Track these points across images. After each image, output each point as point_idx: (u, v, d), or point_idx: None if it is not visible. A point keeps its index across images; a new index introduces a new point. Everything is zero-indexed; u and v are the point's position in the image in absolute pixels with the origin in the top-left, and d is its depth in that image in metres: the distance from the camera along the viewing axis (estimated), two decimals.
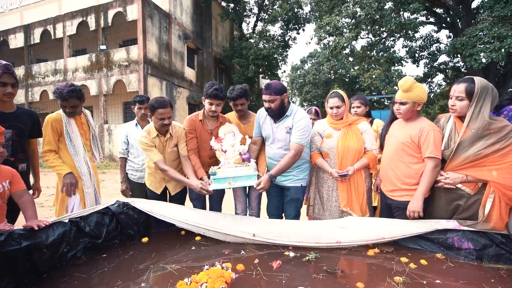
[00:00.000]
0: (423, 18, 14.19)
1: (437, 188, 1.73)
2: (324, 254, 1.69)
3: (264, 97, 2.02)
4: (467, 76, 1.62)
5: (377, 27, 13.78)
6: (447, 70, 16.72)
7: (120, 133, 2.91)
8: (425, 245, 1.75)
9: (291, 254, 1.70)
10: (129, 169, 2.87)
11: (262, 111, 2.25)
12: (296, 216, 2.27)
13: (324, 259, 1.63)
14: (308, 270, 1.53)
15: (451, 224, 1.68)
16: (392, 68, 17.36)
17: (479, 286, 1.33)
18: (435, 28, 15.47)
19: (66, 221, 1.70)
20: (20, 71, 14.07)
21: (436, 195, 1.75)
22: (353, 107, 2.62)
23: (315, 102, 30.91)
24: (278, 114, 2.07)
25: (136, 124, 2.88)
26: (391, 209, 1.92)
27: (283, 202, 2.27)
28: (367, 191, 2.15)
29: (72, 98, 2.16)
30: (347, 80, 28.92)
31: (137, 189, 2.84)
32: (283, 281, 1.41)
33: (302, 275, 1.47)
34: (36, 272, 1.50)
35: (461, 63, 15.74)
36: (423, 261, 1.54)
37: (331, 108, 2.10)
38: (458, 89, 1.59)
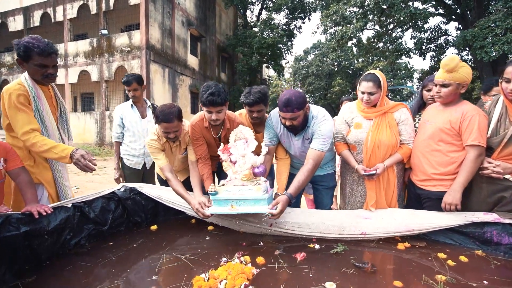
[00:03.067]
0: (433, 9, 13.78)
1: (478, 179, 1.58)
2: (352, 246, 1.56)
3: (284, 115, 1.63)
4: None
5: (384, 18, 13.40)
6: None
7: (115, 115, 2.59)
8: (458, 239, 1.61)
9: (317, 246, 1.57)
10: (125, 154, 2.58)
11: (274, 115, 1.82)
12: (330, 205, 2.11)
13: (353, 252, 1.50)
14: (336, 263, 1.39)
15: (489, 217, 1.53)
16: (398, 61, 17.05)
17: None
18: (444, 20, 15.04)
19: (69, 205, 1.56)
20: None
21: (476, 186, 1.60)
22: None
23: (317, 94, 30.58)
24: (300, 128, 1.73)
25: (132, 105, 2.57)
26: (421, 199, 1.77)
27: (315, 193, 2.09)
28: (400, 189, 1.89)
29: (54, 54, 1.61)
30: (350, 72, 28.50)
31: (133, 175, 2.57)
32: (310, 275, 1.28)
33: (330, 269, 1.34)
34: (36, 260, 1.37)
35: (469, 57, 15.38)
36: (463, 258, 1.41)
37: (363, 92, 1.74)
38: None
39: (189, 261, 1.42)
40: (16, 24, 13.76)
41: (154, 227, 1.88)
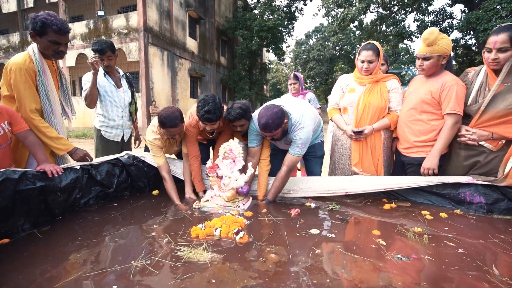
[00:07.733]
0: None
1: (456, 145, 1.69)
2: (344, 206, 1.74)
3: (264, 133, 1.74)
4: (504, 24, 1.48)
5: (388, 0, 13.13)
6: (457, 48, 16.16)
7: (84, 84, 2.27)
8: (436, 201, 1.76)
9: (312, 205, 1.75)
10: (102, 125, 2.37)
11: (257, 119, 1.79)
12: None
13: (345, 210, 1.67)
14: (326, 217, 1.57)
15: (464, 178, 1.66)
16: (400, 45, 16.82)
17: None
18: (449, 2, 14.70)
19: (78, 167, 1.69)
20: (15, 38, 13.59)
21: (453, 152, 1.72)
22: None
23: (318, 80, 30.32)
24: (281, 138, 1.80)
25: (105, 74, 2.32)
26: (405, 166, 1.90)
27: (306, 164, 2.19)
28: (387, 156, 1.99)
29: (68, 33, 1.65)
30: (352, 57, 28.15)
31: (112, 148, 2.36)
32: (297, 225, 1.43)
33: (318, 221, 1.50)
34: (50, 214, 1.51)
35: (472, 41, 15.16)
36: (443, 215, 1.55)
37: (362, 61, 1.89)
38: (500, 39, 1.42)
39: (188, 216, 1.57)
40: (9, 5, 13.47)
41: (156, 192, 2.03)
